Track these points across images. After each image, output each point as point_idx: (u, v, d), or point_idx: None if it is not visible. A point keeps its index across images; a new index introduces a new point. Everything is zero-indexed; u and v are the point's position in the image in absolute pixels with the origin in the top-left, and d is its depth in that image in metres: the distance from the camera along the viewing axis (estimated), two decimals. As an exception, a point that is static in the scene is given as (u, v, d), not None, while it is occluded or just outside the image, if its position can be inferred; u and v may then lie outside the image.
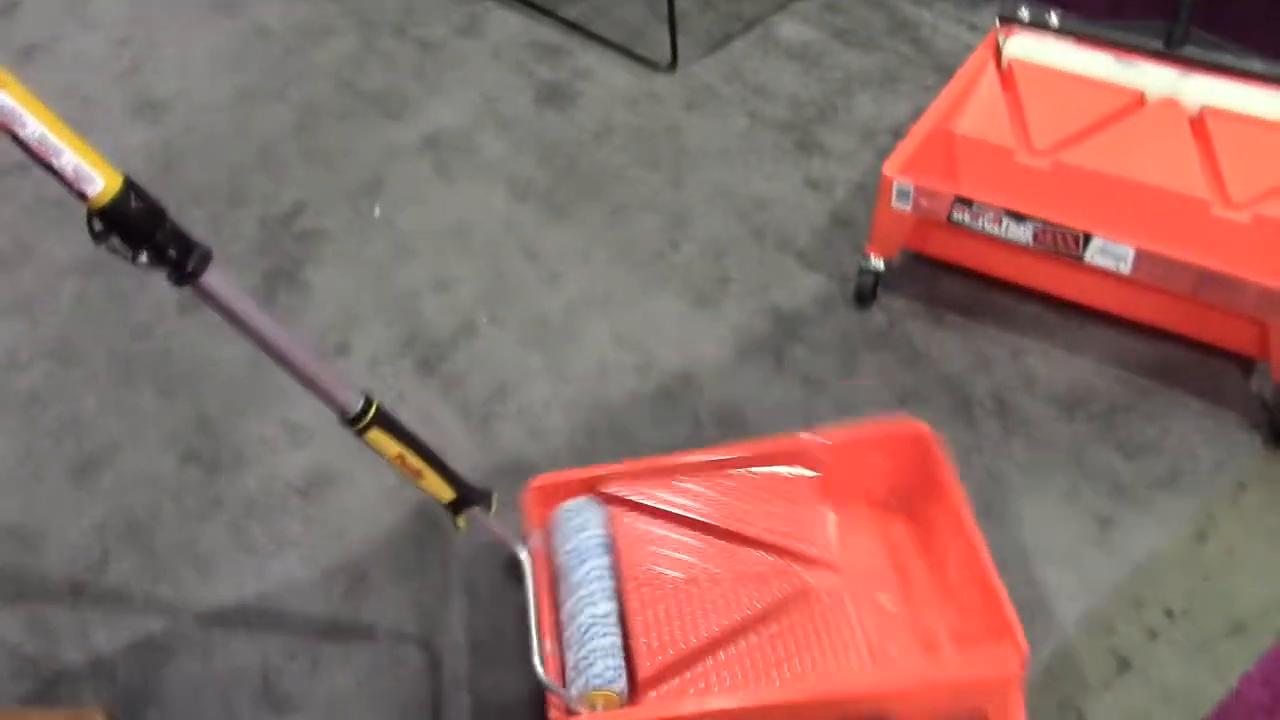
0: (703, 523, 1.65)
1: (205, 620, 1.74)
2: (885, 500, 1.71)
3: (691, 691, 1.53)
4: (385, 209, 2.36)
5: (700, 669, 1.54)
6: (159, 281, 1.21)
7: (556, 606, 1.59)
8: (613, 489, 1.67)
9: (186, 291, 1.19)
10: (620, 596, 1.58)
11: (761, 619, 1.57)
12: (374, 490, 1.90)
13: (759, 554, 1.63)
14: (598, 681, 1.48)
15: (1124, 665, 1.64)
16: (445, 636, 1.73)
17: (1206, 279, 1.74)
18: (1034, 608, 1.70)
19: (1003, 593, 1.47)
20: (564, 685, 1.50)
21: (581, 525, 1.65)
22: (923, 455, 1.64)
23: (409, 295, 2.18)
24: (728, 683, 1.53)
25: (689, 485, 1.67)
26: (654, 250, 2.24)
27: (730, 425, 1.94)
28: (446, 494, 1.47)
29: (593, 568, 1.60)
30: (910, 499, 1.69)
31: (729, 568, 1.62)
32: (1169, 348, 1.97)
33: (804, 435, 1.68)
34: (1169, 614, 1.68)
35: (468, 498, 1.49)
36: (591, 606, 1.55)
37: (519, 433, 1.96)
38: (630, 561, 1.61)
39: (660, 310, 2.13)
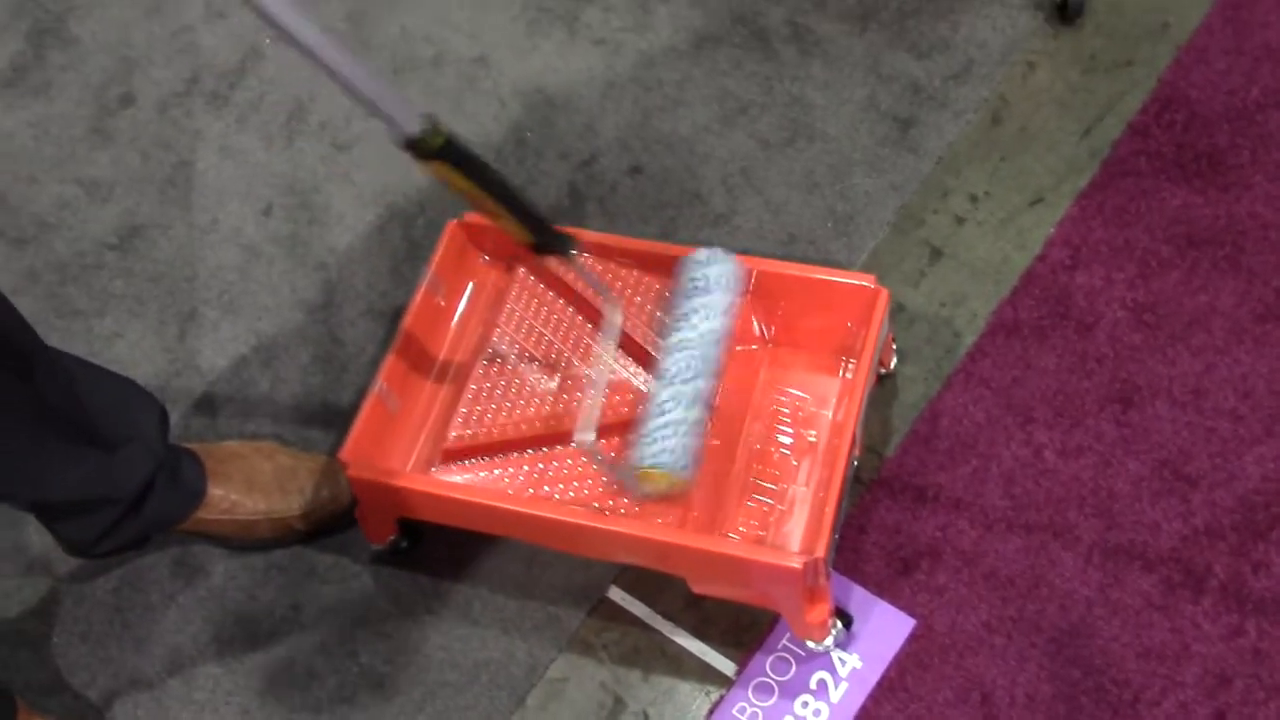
0: (597, 311, 1.54)
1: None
2: (809, 349, 1.56)
3: (480, 475, 1.47)
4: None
5: (508, 457, 1.48)
6: None
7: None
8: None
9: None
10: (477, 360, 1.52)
11: (600, 432, 1.47)
12: (186, 231, 1.87)
13: (636, 365, 1.52)
14: (663, 459, 1.37)
15: (936, 253, 1.72)
16: (286, 353, 1.75)
17: None
18: (849, 216, 1.76)
19: (831, 501, 1.37)
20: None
21: (710, 282, 1.47)
22: (862, 313, 1.49)
23: (184, 30, 2.08)
24: (520, 480, 1.46)
25: (607, 268, 1.55)
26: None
27: (532, 103, 1.92)
28: (525, 236, 1.34)
29: (701, 336, 1.44)
30: (833, 355, 1.55)
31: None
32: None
33: (739, 257, 1.51)
34: (973, 198, 1.76)
35: (548, 242, 1.36)
36: (683, 379, 1.42)
37: (325, 148, 1.93)
38: (500, 324, 1.55)
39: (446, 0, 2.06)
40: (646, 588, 1.53)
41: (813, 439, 1.52)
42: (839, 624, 1.45)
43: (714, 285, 1.47)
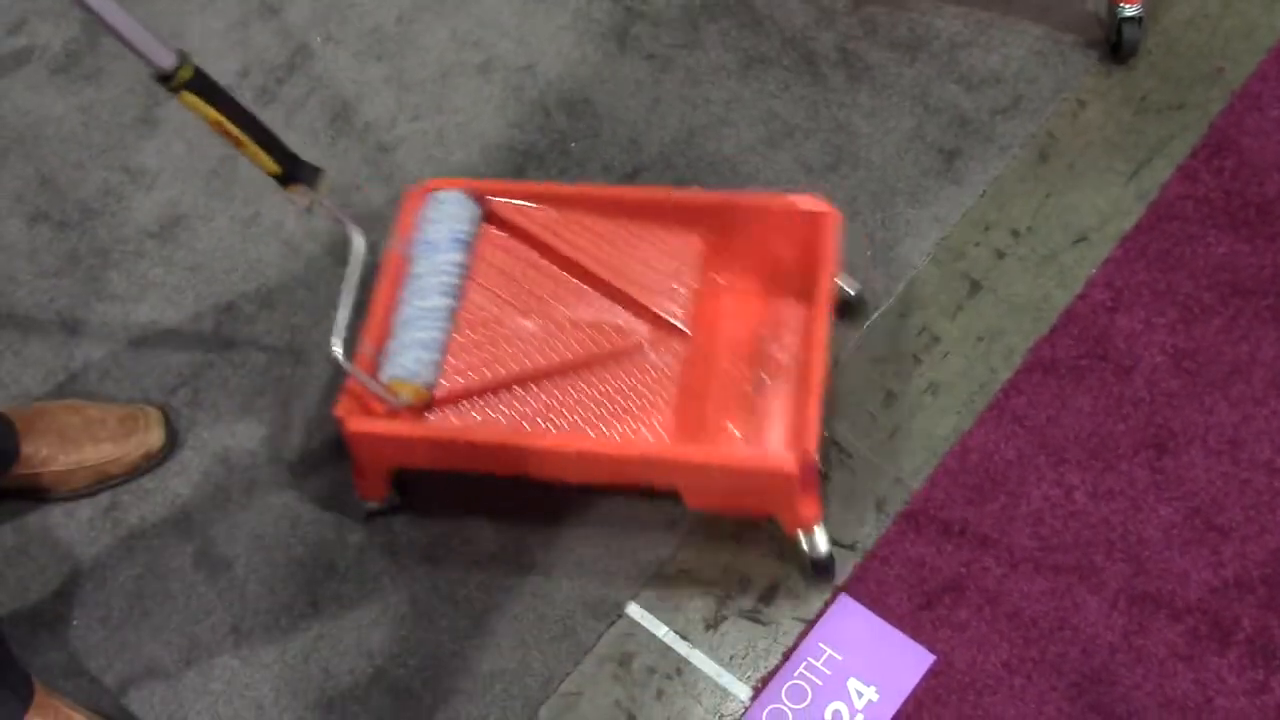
0: (565, 257, 1.60)
1: (77, 371, 1.76)
2: (770, 274, 1.62)
3: (472, 418, 1.52)
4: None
5: (496, 400, 1.53)
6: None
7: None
8: (494, 205, 1.62)
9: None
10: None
11: (583, 367, 1.55)
12: (228, 223, 1.88)
13: (609, 303, 1.59)
14: (401, 372, 1.48)
15: (975, 287, 1.71)
16: (319, 350, 1.76)
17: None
18: (889, 245, 1.75)
19: (815, 399, 1.43)
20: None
21: (442, 217, 1.60)
22: (814, 234, 1.55)
23: (236, 25, 2.09)
24: (512, 418, 1.51)
25: (569, 216, 1.61)
26: (485, -54, 2.16)
27: (578, 114, 1.93)
28: (271, 166, 1.39)
29: (439, 262, 1.56)
30: (795, 277, 1.59)
31: (574, 308, 1.59)
32: (1007, -22, 1.97)
33: (693, 190, 1.60)
34: (1015, 233, 1.74)
35: (294, 173, 1.41)
36: (420, 299, 1.53)
37: (368, 148, 1.93)
38: (478, 278, 1.59)
39: (497, 5, 2.06)
40: (665, 606, 1.52)
41: (785, 360, 1.58)
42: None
43: (446, 219, 1.58)
